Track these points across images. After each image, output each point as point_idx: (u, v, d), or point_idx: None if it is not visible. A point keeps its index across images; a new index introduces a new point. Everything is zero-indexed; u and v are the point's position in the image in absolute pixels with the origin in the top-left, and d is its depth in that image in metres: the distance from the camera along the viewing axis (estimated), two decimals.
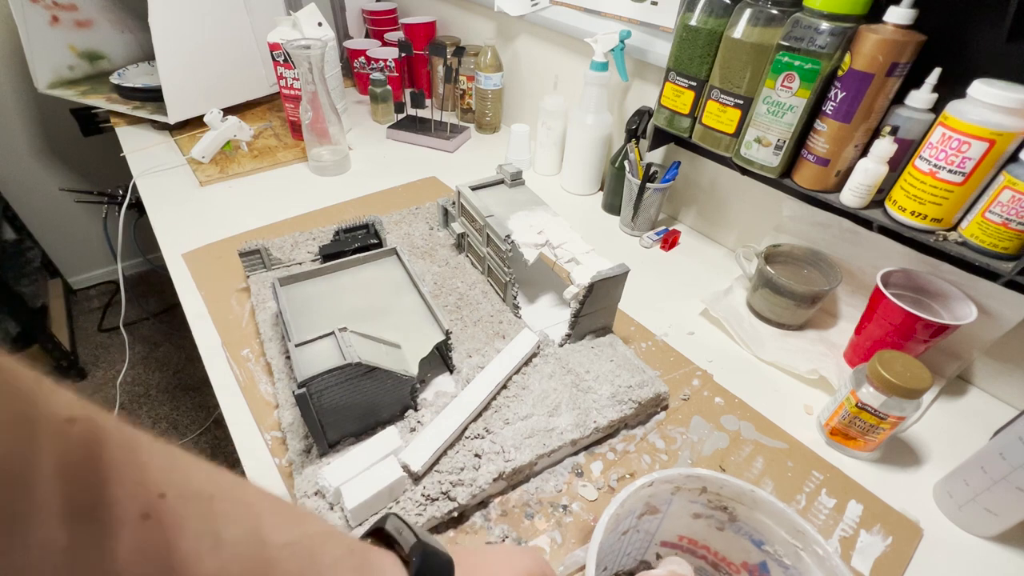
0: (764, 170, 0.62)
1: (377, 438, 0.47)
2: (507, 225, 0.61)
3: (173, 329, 1.75)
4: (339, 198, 0.90)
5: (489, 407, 0.52)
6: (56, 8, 1.11)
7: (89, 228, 1.75)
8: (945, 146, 0.49)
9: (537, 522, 0.46)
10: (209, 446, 1.42)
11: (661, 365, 0.62)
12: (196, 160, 0.96)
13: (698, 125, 0.68)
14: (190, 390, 1.57)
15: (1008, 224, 0.48)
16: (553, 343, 0.59)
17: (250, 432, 0.53)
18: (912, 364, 0.48)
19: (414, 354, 0.51)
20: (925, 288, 0.58)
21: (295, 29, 0.94)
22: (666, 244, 0.82)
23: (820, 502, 0.49)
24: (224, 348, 0.61)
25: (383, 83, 1.13)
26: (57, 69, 1.16)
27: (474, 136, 1.14)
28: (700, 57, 0.64)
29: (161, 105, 1.02)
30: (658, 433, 0.54)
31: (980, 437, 0.54)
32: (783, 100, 0.57)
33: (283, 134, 1.08)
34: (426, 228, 0.79)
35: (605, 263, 0.57)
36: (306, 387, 0.43)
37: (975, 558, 0.47)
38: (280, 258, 0.70)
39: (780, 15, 0.56)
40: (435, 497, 0.44)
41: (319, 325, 0.49)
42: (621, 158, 0.83)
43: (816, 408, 0.58)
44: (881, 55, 0.50)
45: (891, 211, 0.55)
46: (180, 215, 0.85)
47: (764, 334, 0.67)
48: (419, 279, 0.58)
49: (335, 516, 0.43)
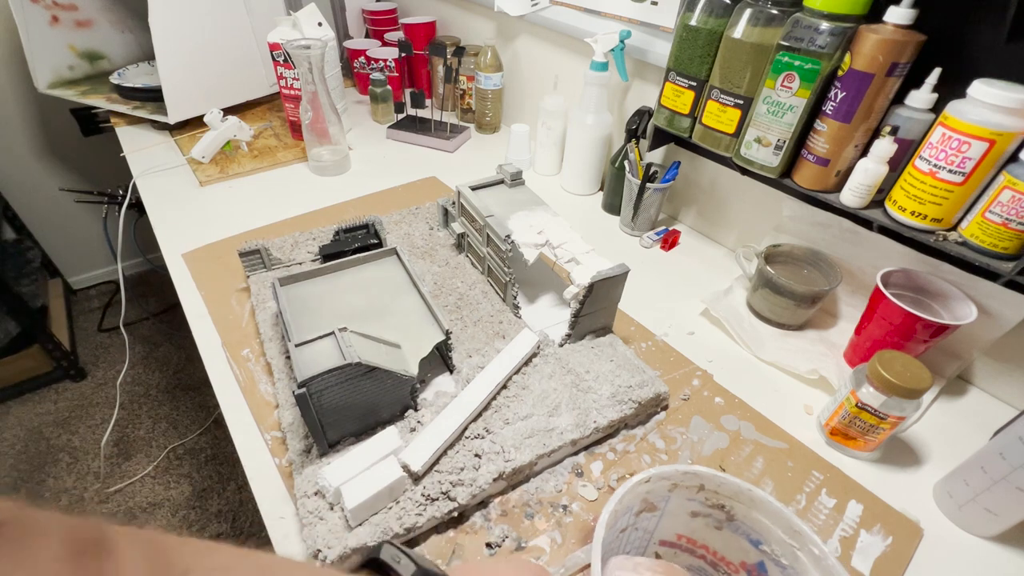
0: (764, 170, 0.62)
1: (377, 438, 0.47)
2: (507, 225, 0.61)
3: (173, 329, 1.75)
4: (339, 198, 0.90)
5: (489, 407, 0.52)
6: (56, 8, 1.11)
7: (89, 228, 1.75)
8: (945, 146, 0.49)
9: (537, 522, 0.46)
10: (209, 446, 1.42)
11: (661, 365, 0.62)
12: (196, 160, 0.96)
13: (698, 125, 0.68)
14: (190, 390, 1.57)
15: (1008, 224, 0.48)
16: (553, 343, 0.59)
17: (250, 432, 0.53)
18: (912, 364, 0.48)
19: (414, 354, 0.51)
20: (925, 288, 0.58)
21: (295, 29, 0.94)
22: (666, 244, 0.82)
23: (820, 502, 0.49)
24: (224, 348, 0.61)
25: (383, 83, 1.13)
26: (57, 69, 1.16)
27: (474, 136, 1.14)
28: (700, 57, 0.64)
29: (161, 105, 1.02)
30: (658, 433, 0.54)
31: (980, 437, 0.54)
32: (783, 100, 0.57)
33: (283, 134, 1.08)
34: (426, 228, 0.79)
35: (605, 263, 0.57)
36: (306, 387, 0.43)
37: (975, 558, 0.47)
38: (280, 258, 0.70)
39: (780, 15, 0.56)
40: (435, 497, 0.44)
41: (319, 325, 0.49)
42: (621, 158, 0.83)
43: (816, 408, 0.58)
44: (881, 55, 0.50)
45: (891, 211, 0.55)
46: (180, 215, 0.85)
47: (764, 334, 0.67)
48: (419, 279, 0.58)
49: (335, 516, 0.43)
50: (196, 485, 1.33)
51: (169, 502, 1.30)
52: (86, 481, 1.33)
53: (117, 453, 1.40)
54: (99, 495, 1.31)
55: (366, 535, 0.42)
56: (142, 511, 1.28)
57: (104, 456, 1.38)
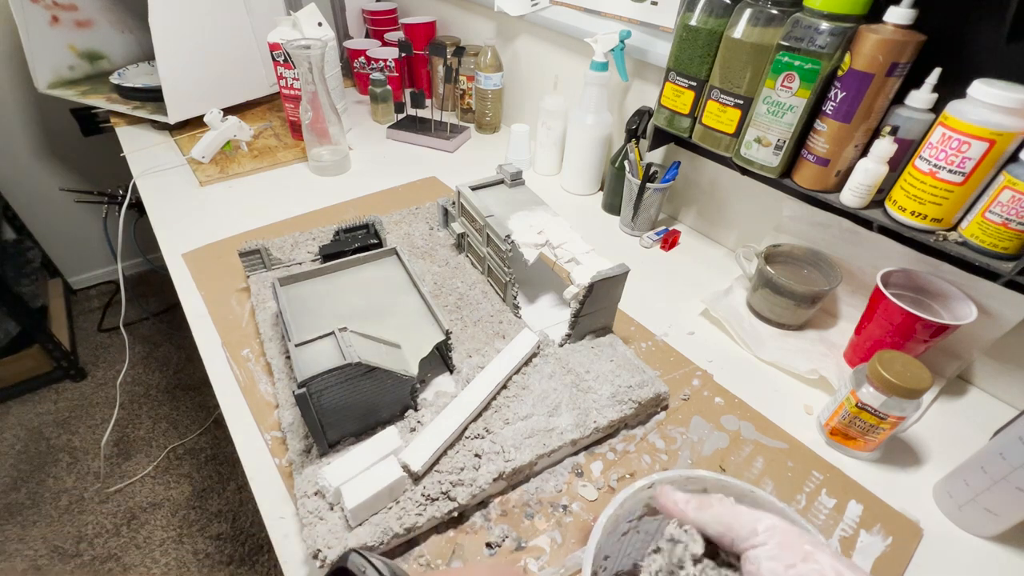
0: (764, 170, 0.62)
1: (377, 438, 0.47)
2: (507, 225, 0.61)
3: (173, 329, 1.75)
4: (339, 198, 0.90)
5: (489, 407, 0.52)
6: (56, 8, 1.11)
7: (89, 228, 1.75)
8: (945, 146, 0.49)
9: (537, 522, 0.46)
10: (209, 446, 1.43)
11: (661, 365, 0.62)
12: (196, 160, 0.96)
13: (698, 125, 0.68)
14: (190, 390, 1.57)
15: (1008, 224, 0.48)
16: (553, 343, 0.59)
17: (250, 432, 0.53)
18: (912, 364, 0.48)
19: (414, 354, 0.51)
20: (925, 288, 0.58)
21: (295, 29, 0.94)
22: (666, 244, 0.82)
23: (820, 502, 0.49)
24: (224, 348, 0.61)
25: (383, 83, 1.13)
26: (57, 69, 1.16)
27: (474, 136, 1.14)
28: (700, 57, 0.64)
29: (161, 105, 1.02)
30: (658, 433, 0.54)
31: (980, 437, 0.54)
32: (783, 100, 0.57)
33: (283, 134, 1.08)
34: (426, 228, 0.79)
35: (605, 263, 0.57)
36: (306, 387, 0.43)
37: (975, 558, 0.47)
38: (280, 258, 0.70)
39: (780, 15, 0.56)
40: (435, 497, 0.44)
41: (319, 325, 0.49)
42: (621, 158, 0.83)
43: (816, 408, 0.58)
44: (881, 55, 0.50)
45: (891, 211, 0.55)
46: (180, 215, 0.85)
47: (764, 334, 0.67)
48: (419, 279, 0.58)
49: (335, 516, 0.43)
50: (196, 485, 1.33)
51: (169, 502, 1.30)
52: (86, 481, 1.33)
53: (117, 453, 1.40)
54: (99, 495, 1.31)
55: (366, 535, 0.42)
56: (142, 511, 1.28)
57: (104, 456, 1.38)
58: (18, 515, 1.26)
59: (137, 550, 1.21)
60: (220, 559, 1.20)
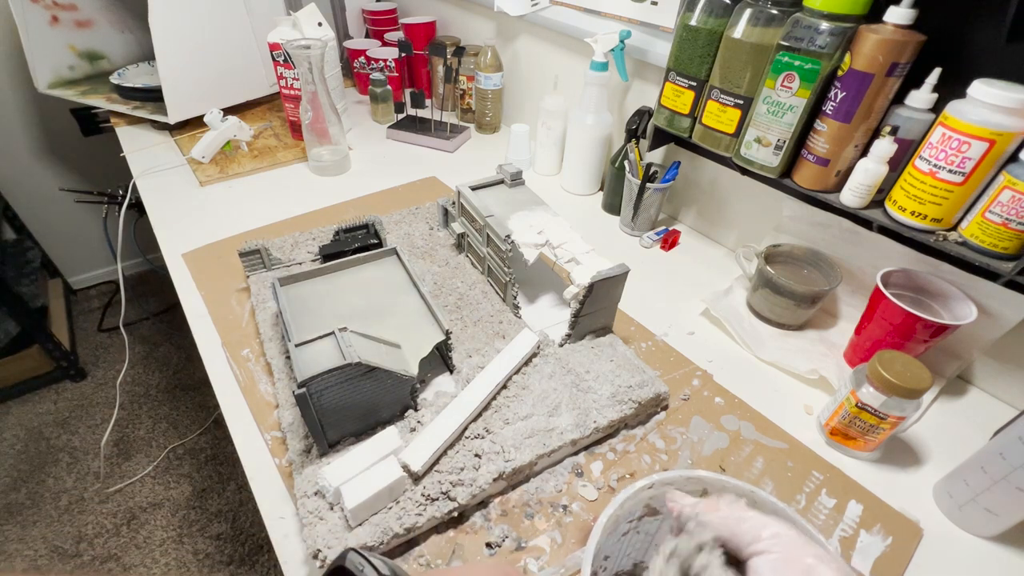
0: (764, 170, 0.62)
1: (377, 438, 0.47)
2: (507, 225, 0.61)
3: (173, 329, 1.75)
4: (339, 198, 0.90)
5: (489, 407, 0.52)
6: (56, 8, 1.11)
7: (89, 228, 1.75)
8: (945, 146, 0.49)
9: (537, 522, 0.46)
10: (209, 446, 1.43)
11: (661, 365, 0.62)
12: (196, 160, 0.96)
13: (698, 125, 0.68)
14: (190, 390, 1.57)
15: (1008, 224, 0.48)
16: (553, 343, 0.59)
17: (250, 432, 0.53)
18: (912, 364, 0.48)
19: (414, 354, 0.51)
20: (925, 288, 0.58)
21: (295, 29, 0.94)
22: (666, 244, 0.82)
23: (820, 502, 0.49)
24: (224, 348, 0.61)
25: (383, 83, 1.13)
26: (57, 69, 1.16)
27: (474, 136, 1.14)
28: (700, 57, 0.64)
29: (161, 105, 1.02)
30: (658, 433, 0.54)
31: (980, 437, 0.54)
32: (783, 100, 0.57)
33: (283, 134, 1.08)
34: (426, 228, 0.79)
35: (605, 263, 0.57)
36: (306, 387, 0.43)
37: (975, 558, 0.47)
38: (280, 258, 0.70)
39: (780, 15, 0.56)
40: (435, 497, 0.44)
41: (319, 325, 0.49)
42: (621, 158, 0.83)
43: (816, 408, 0.58)
44: (881, 55, 0.50)
45: (891, 211, 0.55)
46: (180, 215, 0.85)
47: (764, 334, 0.67)
48: (419, 279, 0.58)
49: (335, 516, 0.43)
50: (196, 485, 1.33)
51: (169, 502, 1.30)
52: (86, 481, 1.33)
53: (117, 453, 1.40)
54: (99, 495, 1.31)
55: (366, 535, 0.42)
56: (142, 511, 1.28)
57: (104, 456, 1.38)
58: (18, 515, 1.26)
59: (137, 550, 1.21)
60: (220, 559, 1.20)
